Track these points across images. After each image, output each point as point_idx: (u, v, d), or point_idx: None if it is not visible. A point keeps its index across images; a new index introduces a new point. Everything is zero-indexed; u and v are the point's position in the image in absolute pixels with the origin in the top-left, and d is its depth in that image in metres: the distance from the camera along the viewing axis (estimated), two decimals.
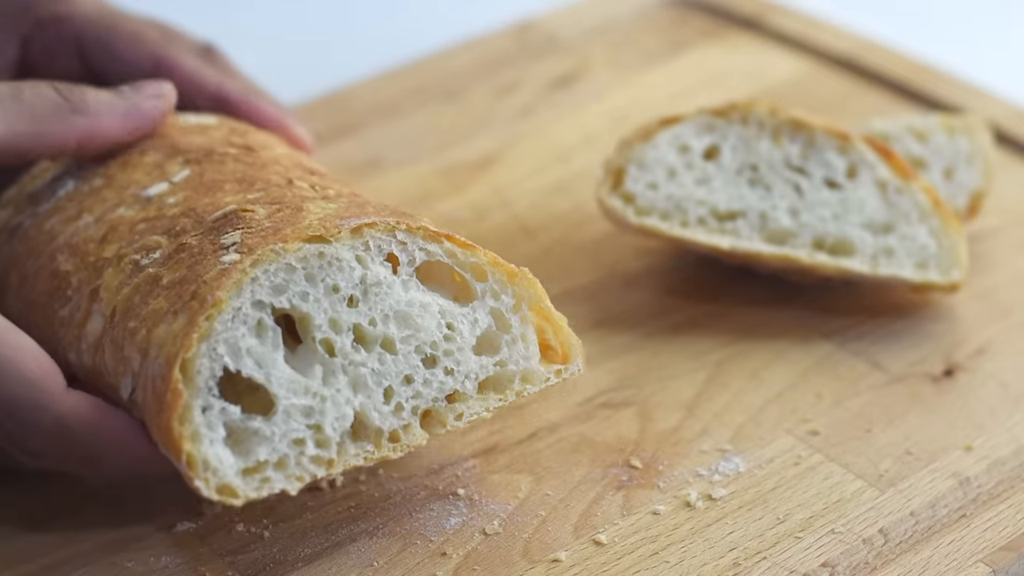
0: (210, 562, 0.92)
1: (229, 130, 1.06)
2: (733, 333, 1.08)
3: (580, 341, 0.95)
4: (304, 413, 0.90)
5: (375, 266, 0.92)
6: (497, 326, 0.94)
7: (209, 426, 0.88)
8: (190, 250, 0.92)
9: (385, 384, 0.92)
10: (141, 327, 0.91)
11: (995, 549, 0.93)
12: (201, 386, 0.88)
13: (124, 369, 0.92)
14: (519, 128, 1.28)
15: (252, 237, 0.91)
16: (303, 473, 0.89)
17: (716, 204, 1.08)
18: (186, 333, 0.88)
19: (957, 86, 1.29)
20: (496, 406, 0.93)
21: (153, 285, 0.92)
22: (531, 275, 0.94)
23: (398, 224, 0.92)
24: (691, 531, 0.94)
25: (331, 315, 0.91)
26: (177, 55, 1.12)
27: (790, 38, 1.36)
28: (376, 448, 0.91)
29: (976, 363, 1.05)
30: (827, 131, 1.08)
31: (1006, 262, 1.13)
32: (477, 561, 0.92)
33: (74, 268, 0.97)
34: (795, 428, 1.00)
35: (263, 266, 0.89)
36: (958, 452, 0.99)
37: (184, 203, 0.97)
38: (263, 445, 0.89)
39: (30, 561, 0.93)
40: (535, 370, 0.94)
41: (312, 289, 0.90)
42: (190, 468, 0.87)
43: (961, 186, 1.13)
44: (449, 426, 0.93)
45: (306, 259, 0.90)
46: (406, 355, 0.92)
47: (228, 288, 0.88)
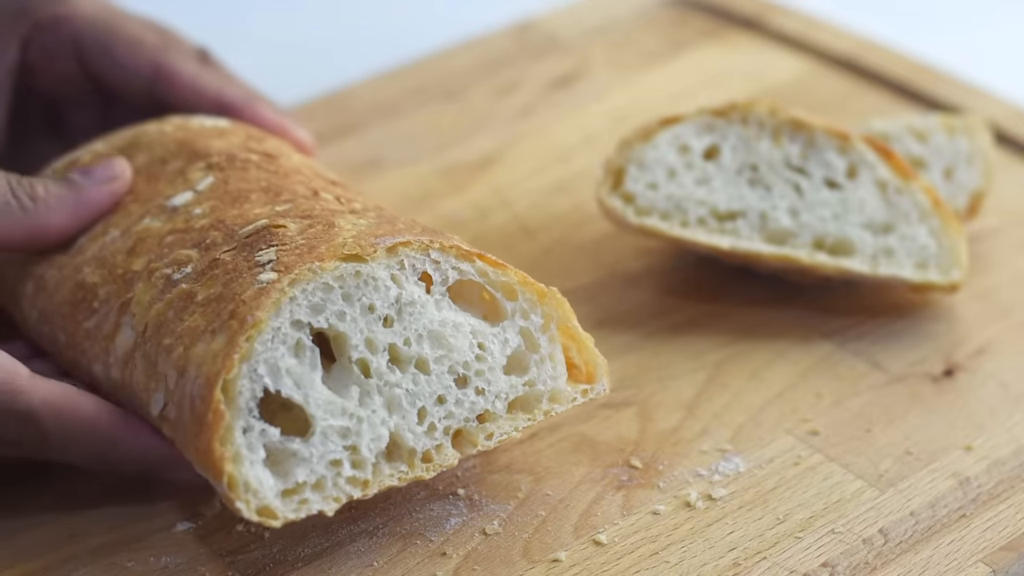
0: (210, 562, 0.92)
1: (246, 135, 1.06)
2: (733, 333, 1.08)
3: (606, 361, 0.95)
4: (341, 434, 0.90)
5: (409, 285, 0.92)
6: (526, 346, 0.95)
7: (250, 447, 0.88)
8: (224, 266, 0.92)
9: (419, 404, 0.92)
10: (177, 344, 0.90)
11: (995, 549, 0.93)
12: (242, 407, 0.88)
13: (156, 385, 0.92)
14: (519, 128, 1.28)
15: (287, 255, 0.91)
16: (340, 494, 0.90)
17: (716, 204, 1.08)
18: (227, 353, 0.88)
19: (957, 86, 1.29)
20: (525, 425, 0.94)
21: (187, 301, 0.92)
22: (559, 295, 0.95)
23: (432, 243, 0.92)
24: (691, 531, 0.94)
25: (367, 335, 0.91)
26: (176, 62, 1.12)
27: (790, 38, 1.36)
28: (410, 468, 0.92)
29: (976, 363, 1.05)
30: (827, 131, 1.08)
31: (1006, 262, 1.13)
32: (477, 561, 0.92)
33: (101, 280, 0.96)
34: (795, 428, 1.00)
35: (301, 285, 0.89)
36: (958, 452, 0.99)
37: (211, 214, 0.97)
38: (301, 466, 0.89)
39: (30, 561, 0.93)
40: (563, 390, 0.95)
41: (349, 308, 0.90)
42: (231, 489, 0.87)
43: (961, 186, 1.13)
44: (480, 446, 0.93)
45: (343, 278, 0.90)
46: (439, 375, 0.92)
47: (268, 308, 0.88)
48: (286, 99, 1.30)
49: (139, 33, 1.13)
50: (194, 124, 1.07)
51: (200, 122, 1.07)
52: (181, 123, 1.07)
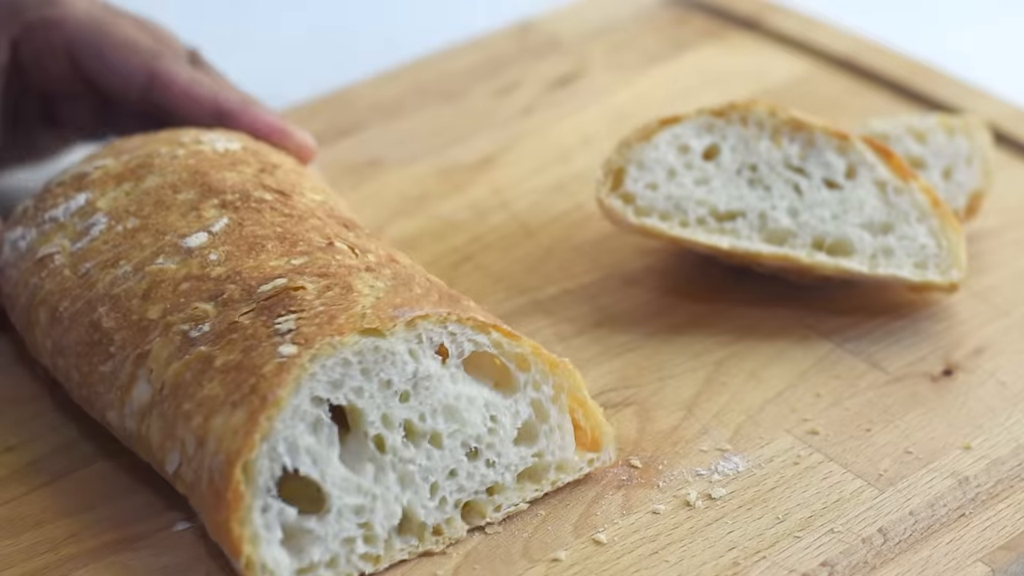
0: (210, 561, 0.92)
1: (259, 166, 1.05)
2: (732, 333, 1.08)
3: (612, 430, 0.96)
4: (356, 512, 0.90)
5: (426, 360, 0.91)
6: (536, 416, 0.95)
7: (267, 527, 0.88)
8: (243, 331, 0.92)
9: (432, 479, 0.92)
10: (196, 413, 0.90)
11: (994, 548, 0.93)
12: (261, 487, 0.88)
13: (172, 445, 0.92)
14: (519, 128, 1.28)
15: (307, 324, 0.90)
16: (352, 570, 0.91)
17: (716, 204, 1.08)
18: (247, 432, 0.87)
19: (956, 86, 1.29)
20: (532, 496, 0.95)
21: (206, 365, 0.91)
22: (571, 365, 0.95)
23: (449, 315, 0.92)
24: (690, 530, 0.94)
25: (384, 411, 0.91)
26: (170, 67, 1.12)
27: (790, 38, 1.36)
28: (420, 542, 0.93)
29: (975, 363, 1.05)
30: (826, 131, 1.08)
31: (1005, 262, 1.13)
32: (477, 560, 0.92)
33: (116, 325, 0.96)
34: (794, 428, 1.01)
35: (320, 361, 0.89)
36: (957, 451, 0.99)
37: (227, 262, 0.96)
38: (316, 545, 0.90)
39: (31, 561, 0.93)
40: (570, 460, 0.96)
41: (367, 384, 0.90)
42: (248, 570, 0.88)
43: (960, 186, 1.13)
44: (488, 517, 0.94)
45: (362, 353, 0.90)
46: (452, 449, 0.93)
47: (288, 385, 0.88)
48: (286, 99, 1.30)
49: (132, 36, 1.12)
50: (206, 149, 1.06)
51: (212, 145, 1.06)
52: (194, 147, 1.06)
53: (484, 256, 1.14)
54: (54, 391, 1.03)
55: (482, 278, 1.12)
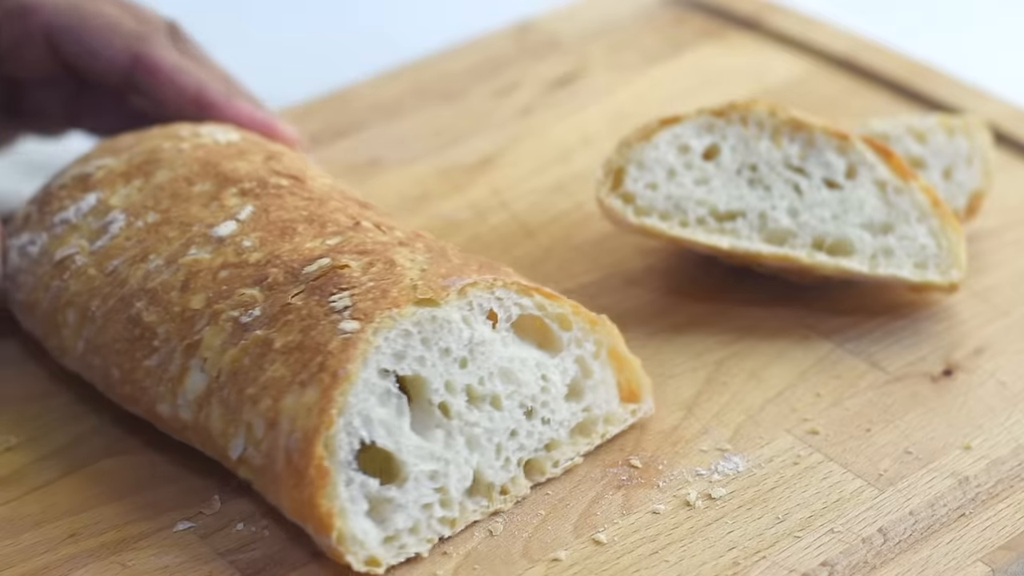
0: (211, 561, 0.93)
1: (264, 155, 1.06)
2: (732, 333, 1.08)
3: (649, 380, 1.00)
4: (431, 477, 0.93)
5: (479, 325, 0.94)
6: (582, 372, 0.98)
7: (352, 500, 0.90)
8: (297, 312, 0.93)
9: (496, 440, 0.95)
10: (263, 396, 0.91)
11: (994, 548, 0.93)
12: (342, 461, 0.90)
13: (236, 431, 0.93)
14: (519, 128, 1.28)
15: (362, 300, 0.92)
16: (432, 534, 0.93)
17: (716, 204, 1.08)
18: (323, 408, 0.89)
19: (956, 86, 1.29)
20: (585, 450, 0.98)
21: (265, 349, 0.93)
22: (609, 321, 0.98)
23: (496, 282, 0.95)
24: (690, 530, 0.94)
25: (446, 378, 0.93)
26: (155, 51, 1.10)
27: (789, 38, 1.36)
28: (490, 502, 0.95)
29: (975, 363, 1.05)
30: (826, 131, 1.08)
31: (1005, 262, 1.13)
32: (477, 560, 0.92)
33: (158, 319, 0.97)
34: (794, 427, 1.01)
35: (383, 333, 0.91)
36: (957, 451, 0.99)
37: (262, 247, 0.97)
38: (399, 513, 0.92)
39: (30, 560, 0.93)
40: (616, 412, 0.99)
41: (428, 353, 0.92)
42: (340, 544, 0.89)
43: (960, 186, 1.13)
44: (548, 473, 0.97)
45: (420, 323, 0.92)
46: (510, 410, 0.95)
47: (357, 360, 0.90)
48: (286, 99, 1.30)
49: (113, 18, 1.11)
50: (208, 141, 1.06)
51: (213, 137, 1.07)
52: (195, 140, 1.06)
53: (484, 256, 1.14)
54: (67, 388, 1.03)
55: None
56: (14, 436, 1.01)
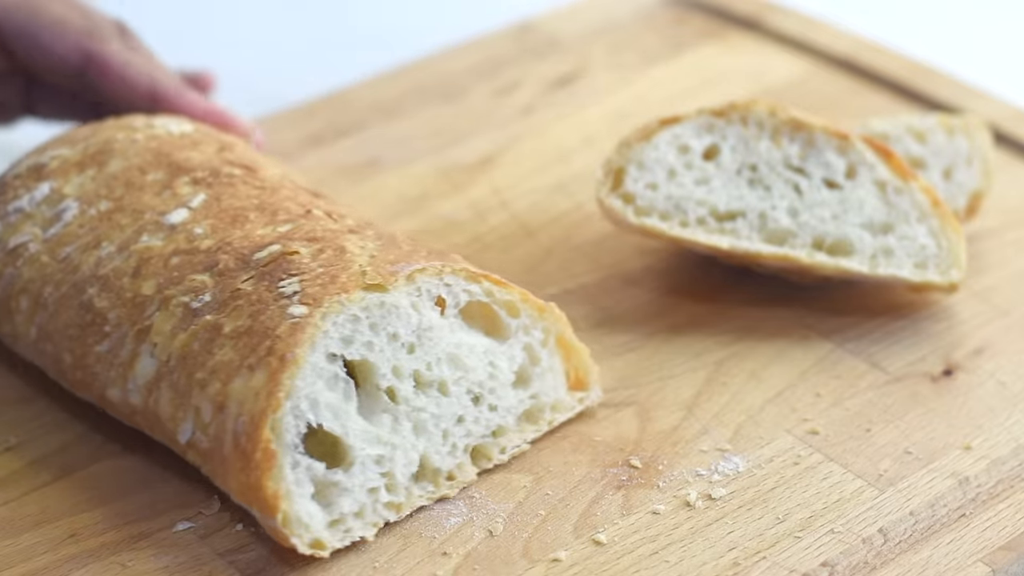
0: (210, 561, 0.93)
1: (218, 145, 1.07)
2: (733, 333, 1.08)
3: (597, 368, 1.00)
4: (377, 462, 0.93)
5: (427, 311, 0.95)
6: (529, 360, 0.99)
7: (298, 483, 0.91)
8: (247, 297, 0.94)
9: (443, 426, 0.95)
10: (212, 379, 0.92)
11: (994, 549, 0.93)
12: (289, 444, 0.90)
13: (184, 415, 0.93)
14: (519, 128, 1.28)
15: (310, 285, 0.93)
16: (377, 519, 0.94)
17: (716, 204, 1.08)
18: (270, 392, 0.90)
19: (956, 86, 1.29)
20: (532, 437, 0.99)
21: (214, 333, 0.93)
22: (557, 309, 0.98)
23: (444, 267, 0.95)
24: (691, 531, 0.94)
25: (394, 363, 0.94)
26: (105, 48, 1.11)
27: (789, 38, 1.36)
28: (436, 487, 0.96)
29: (975, 363, 1.05)
30: (826, 131, 1.08)
31: (1005, 262, 1.13)
32: (477, 560, 0.92)
33: (110, 305, 0.97)
34: (794, 428, 1.01)
35: (331, 318, 0.92)
36: (957, 452, 0.99)
37: (214, 234, 0.98)
38: (345, 497, 0.92)
39: (30, 561, 0.93)
40: (563, 399, 1.00)
41: (376, 338, 0.93)
42: (285, 526, 0.90)
43: (960, 186, 1.13)
44: (495, 459, 0.98)
45: (369, 309, 0.93)
46: (458, 396, 0.96)
47: (305, 344, 0.90)
48: (286, 100, 1.30)
49: (62, 15, 1.11)
50: (162, 132, 1.07)
51: (166, 128, 1.07)
52: (149, 131, 1.07)
53: (484, 256, 1.14)
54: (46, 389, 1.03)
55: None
56: (13, 436, 1.01)
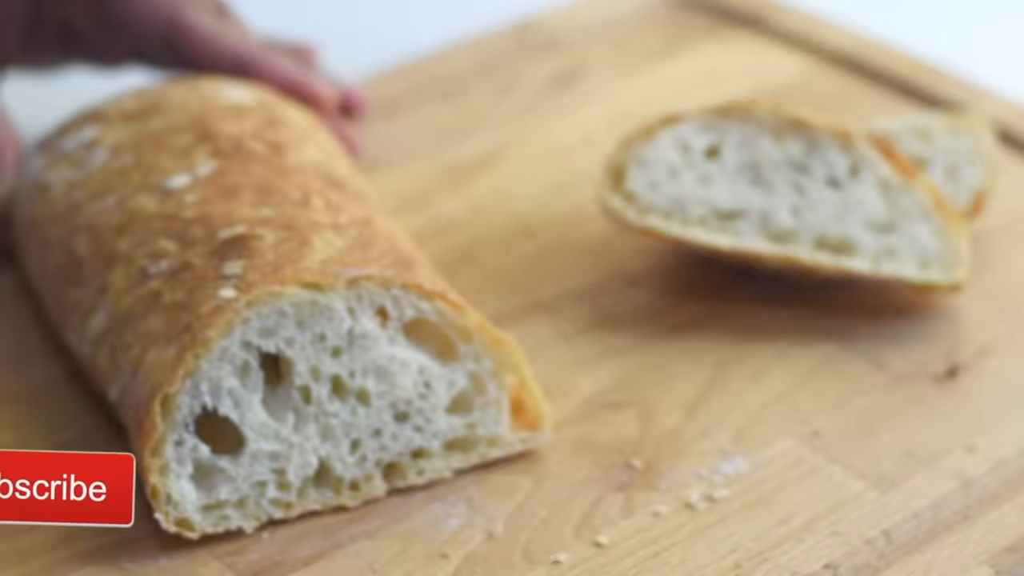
0: (208, 563, 0.92)
1: (264, 120, 1.07)
2: (734, 333, 1.07)
3: (551, 412, 0.98)
4: (271, 457, 0.93)
5: (364, 319, 0.93)
6: (473, 388, 0.96)
7: (179, 461, 0.91)
8: (193, 271, 0.94)
9: (354, 435, 0.94)
10: (135, 344, 0.93)
11: (998, 550, 0.93)
12: (179, 421, 0.91)
13: (115, 375, 0.95)
14: (519, 128, 1.28)
15: (253, 272, 0.93)
16: (261, 513, 0.93)
17: (717, 203, 1.07)
18: (173, 368, 0.90)
19: (960, 84, 1.29)
20: (458, 466, 0.97)
21: (153, 301, 0.94)
22: (514, 343, 0.96)
23: (393, 280, 0.94)
24: (692, 532, 0.93)
25: (313, 363, 0.93)
26: (190, 16, 1.12)
27: (791, 37, 1.36)
28: (336, 495, 0.95)
29: (979, 363, 1.05)
30: (829, 130, 1.08)
31: (1009, 262, 1.13)
32: (477, 562, 0.92)
33: (89, 254, 0.99)
34: (797, 429, 1.00)
35: (256, 308, 0.91)
36: (961, 453, 0.98)
37: (200, 205, 0.99)
38: (226, 484, 0.92)
39: (29, 561, 0.93)
40: (503, 436, 0.97)
41: (300, 335, 0.92)
42: (154, 499, 0.91)
43: (964, 185, 1.12)
44: (410, 480, 0.96)
45: (299, 305, 0.92)
46: (379, 409, 0.94)
47: (220, 328, 0.91)
48: None
49: None
50: (217, 99, 1.08)
51: (226, 97, 1.09)
52: (208, 95, 1.09)
53: (484, 256, 1.14)
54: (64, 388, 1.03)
55: (482, 278, 1.12)
56: (11, 436, 1.01)
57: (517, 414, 0.98)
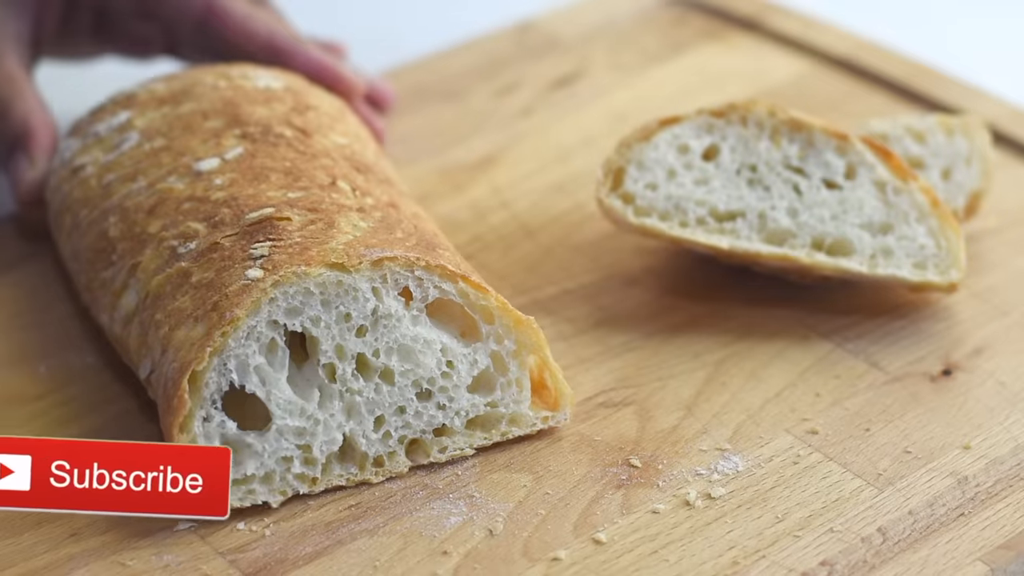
0: (211, 560, 0.93)
1: (292, 105, 1.09)
2: (732, 333, 1.08)
3: (572, 392, 0.99)
4: (296, 433, 0.94)
5: (388, 299, 0.95)
6: (495, 367, 0.98)
7: (207, 437, 0.92)
8: (222, 251, 0.96)
9: (378, 413, 0.96)
10: (165, 323, 0.95)
11: (993, 548, 0.93)
12: (206, 398, 0.92)
13: (146, 352, 0.96)
14: (519, 128, 1.28)
15: (280, 253, 0.94)
16: (287, 488, 0.95)
17: (715, 204, 1.08)
18: (201, 345, 0.92)
19: (956, 86, 1.29)
20: (480, 444, 0.98)
21: (183, 280, 0.96)
22: (536, 324, 0.97)
23: (418, 260, 0.95)
24: (690, 530, 0.94)
25: (338, 342, 0.94)
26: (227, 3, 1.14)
27: (789, 39, 1.36)
28: (360, 471, 0.96)
29: (974, 363, 1.05)
30: (826, 131, 1.09)
31: (1004, 262, 1.13)
32: (477, 559, 0.92)
33: (120, 235, 1.01)
34: (794, 427, 1.01)
35: (283, 288, 0.93)
36: (956, 451, 0.99)
37: (229, 187, 1.00)
38: (253, 459, 0.94)
39: (32, 560, 0.93)
40: (524, 414, 0.98)
41: (325, 315, 0.94)
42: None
43: (960, 186, 1.13)
44: (432, 457, 0.97)
45: (324, 285, 0.93)
46: (402, 387, 0.96)
47: (247, 307, 0.92)
48: None
49: None
50: (247, 84, 1.10)
51: (255, 81, 1.10)
52: (238, 81, 1.10)
53: (484, 256, 1.14)
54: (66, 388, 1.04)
55: (482, 277, 1.12)
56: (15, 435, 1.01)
57: (538, 393, 0.99)
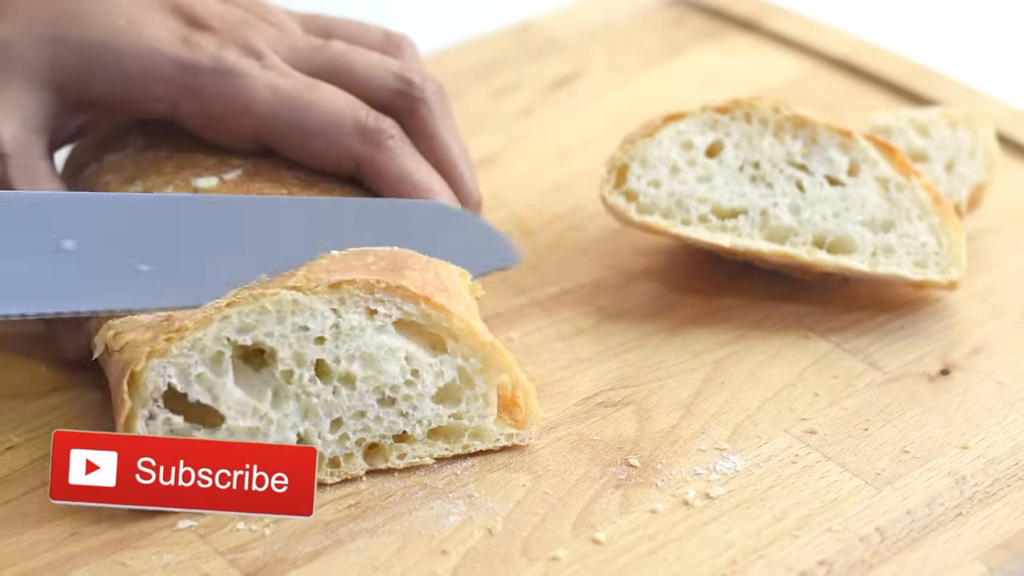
0: (211, 560, 0.93)
1: None
2: (731, 332, 1.08)
3: (541, 412, 0.98)
4: (248, 433, 0.94)
5: (349, 315, 0.95)
6: (461, 381, 0.97)
7: (152, 434, 0.93)
8: None
9: (335, 415, 0.96)
10: (122, 327, 0.96)
11: (991, 547, 0.93)
12: (147, 398, 0.93)
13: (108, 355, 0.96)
14: (519, 128, 1.28)
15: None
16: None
17: (718, 201, 1.08)
18: (142, 348, 0.93)
19: (956, 87, 1.29)
20: (441, 454, 0.98)
21: None
22: (500, 346, 0.97)
23: (378, 283, 0.95)
24: (689, 529, 0.94)
25: (296, 350, 0.94)
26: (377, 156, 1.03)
27: (789, 39, 1.36)
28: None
29: (973, 362, 1.05)
30: (829, 128, 1.08)
31: (1004, 261, 1.13)
32: (476, 559, 0.93)
33: None
34: (792, 427, 1.01)
35: (238, 308, 0.93)
36: (955, 451, 0.99)
37: None
38: None
39: (31, 559, 0.93)
40: (488, 429, 0.98)
41: (280, 328, 0.94)
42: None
43: (963, 179, 1.13)
44: (390, 463, 0.97)
45: (280, 303, 0.94)
46: (363, 393, 0.96)
47: (197, 320, 0.93)
48: None
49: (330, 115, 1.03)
50: None
51: None
52: None
53: None
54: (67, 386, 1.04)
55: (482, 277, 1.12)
56: (15, 435, 1.01)
57: (509, 410, 0.99)
